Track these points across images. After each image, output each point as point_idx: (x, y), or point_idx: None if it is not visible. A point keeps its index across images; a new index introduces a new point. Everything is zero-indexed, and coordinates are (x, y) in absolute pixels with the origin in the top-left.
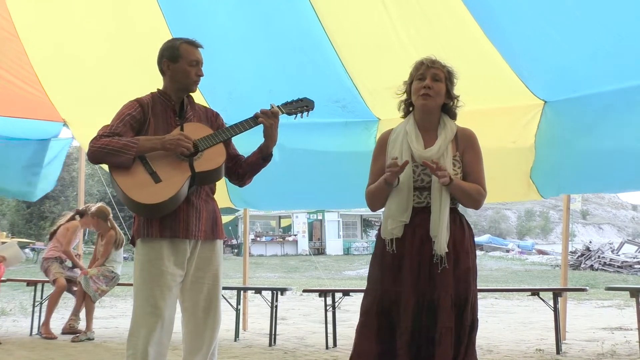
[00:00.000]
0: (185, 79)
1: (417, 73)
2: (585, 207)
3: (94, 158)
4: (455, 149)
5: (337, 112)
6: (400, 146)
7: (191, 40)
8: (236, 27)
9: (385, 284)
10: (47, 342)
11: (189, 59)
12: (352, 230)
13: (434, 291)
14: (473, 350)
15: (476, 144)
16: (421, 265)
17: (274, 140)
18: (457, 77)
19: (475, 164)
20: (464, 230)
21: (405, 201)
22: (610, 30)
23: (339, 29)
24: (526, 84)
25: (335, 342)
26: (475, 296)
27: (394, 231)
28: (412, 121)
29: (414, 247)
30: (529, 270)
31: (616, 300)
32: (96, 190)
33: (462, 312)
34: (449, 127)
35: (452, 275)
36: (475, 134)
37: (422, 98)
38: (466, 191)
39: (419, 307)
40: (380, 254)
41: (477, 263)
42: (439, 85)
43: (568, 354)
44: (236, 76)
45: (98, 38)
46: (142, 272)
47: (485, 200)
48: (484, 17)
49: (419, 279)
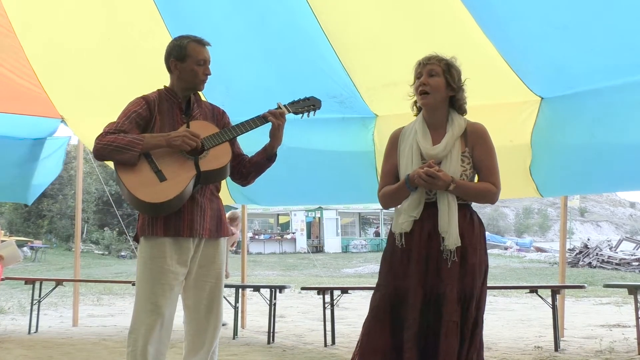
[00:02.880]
0: (193, 79)
1: (416, 73)
2: (584, 205)
3: (99, 155)
4: (465, 145)
5: (335, 108)
6: (409, 144)
7: (199, 39)
8: (232, 20)
9: (394, 278)
10: (46, 341)
11: (196, 59)
12: (351, 228)
13: (440, 285)
14: (476, 347)
15: (487, 139)
16: (428, 259)
17: (279, 141)
18: (459, 67)
19: (486, 159)
20: (474, 226)
21: (417, 198)
22: (607, 26)
23: (335, 25)
24: (523, 80)
25: (333, 340)
26: (482, 293)
27: (403, 225)
28: (421, 119)
29: (422, 241)
30: (527, 268)
31: (614, 297)
32: (94, 188)
33: (467, 308)
34: (457, 123)
35: (459, 270)
36: (486, 128)
37: (421, 97)
38: (471, 192)
39: (426, 301)
40: (391, 249)
41: (486, 260)
42: (436, 80)
43: (566, 351)
44: (232, 71)
45: (94, 32)
46: (144, 269)
47: (499, 195)
48: (481, 12)
49: (426, 273)
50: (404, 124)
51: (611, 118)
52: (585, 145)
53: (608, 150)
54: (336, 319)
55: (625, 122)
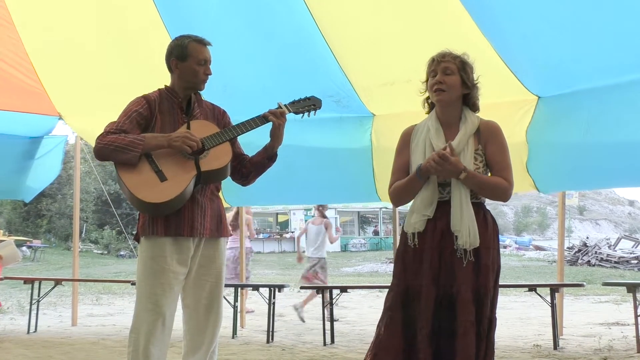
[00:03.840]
0: (194, 78)
1: (429, 70)
2: (582, 203)
3: (100, 155)
4: (477, 143)
5: (332, 107)
6: (422, 142)
7: (200, 39)
8: (229, 18)
9: (408, 278)
10: (45, 340)
11: (197, 58)
12: (350, 227)
13: (454, 285)
14: (492, 351)
15: (499, 135)
16: (441, 258)
17: (279, 140)
18: (472, 65)
19: (498, 155)
20: (487, 225)
21: (430, 196)
22: (604, 25)
23: (332, 23)
24: (520, 78)
25: (332, 339)
26: (494, 293)
27: (417, 225)
28: (434, 116)
29: (435, 241)
30: (526, 266)
31: (613, 295)
32: (93, 188)
33: (481, 308)
34: (470, 120)
35: (472, 270)
36: (499, 125)
37: (436, 94)
38: (483, 184)
39: (439, 301)
40: (403, 249)
41: (498, 260)
42: (452, 78)
43: (565, 349)
44: (229, 70)
45: (91, 28)
46: (144, 269)
47: (512, 192)
48: (478, 10)
49: (439, 272)
50: (401, 123)
51: (607, 116)
52: (582, 142)
53: (604, 147)
54: (335, 318)
55: (621, 120)
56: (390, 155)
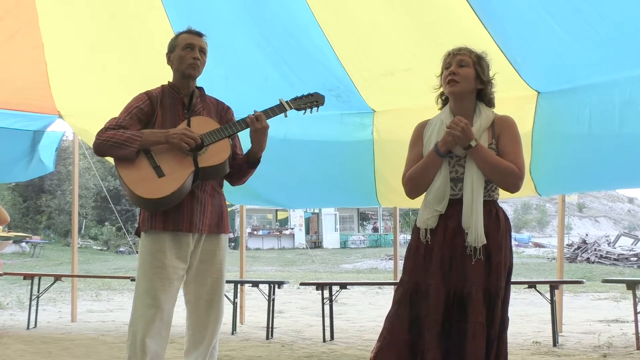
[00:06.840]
0: (181, 64)
1: (445, 63)
2: (582, 200)
3: (99, 150)
4: (492, 137)
5: (332, 102)
6: (436, 135)
7: (188, 29)
8: (228, 10)
9: (417, 275)
10: (44, 336)
11: (182, 44)
12: (349, 224)
13: (465, 284)
14: (505, 351)
15: (513, 128)
16: (452, 257)
17: (260, 147)
18: (489, 61)
19: (510, 146)
20: (500, 223)
21: (442, 191)
22: (606, 19)
23: (329, 14)
24: (520, 73)
25: (332, 335)
26: (506, 293)
27: (429, 221)
28: (447, 110)
29: (446, 239)
30: (525, 263)
31: (612, 292)
32: (92, 184)
33: (492, 308)
34: (485, 114)
35: (484, 269)
36: (513, 119)
37: (449, 85)
38: (493, 161)
39: (449, 300)
40: (415, 245)
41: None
42: (466, 71)
43: (565, 346)
44: (231, 62)
45: (90, 26)
46: (143, 264)
47: (522, 183)
48: (479, 3)
49: (449, 271)
50: (402, 118)
51: (609, 114)
52: (583, 141)
53: (606, 146)
54: (334, 315)
55: (625, 118)
56: (391, 148)
